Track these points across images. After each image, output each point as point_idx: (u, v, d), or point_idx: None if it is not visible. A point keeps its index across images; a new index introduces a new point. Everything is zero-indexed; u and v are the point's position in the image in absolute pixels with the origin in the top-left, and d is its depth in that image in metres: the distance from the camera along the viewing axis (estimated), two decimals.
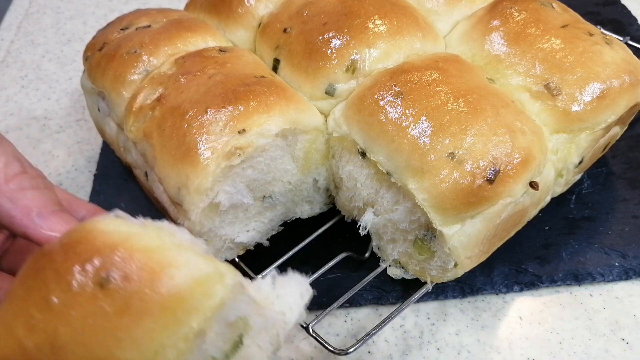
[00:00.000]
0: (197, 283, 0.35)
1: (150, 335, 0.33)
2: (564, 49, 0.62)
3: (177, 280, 0.35)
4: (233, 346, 0.39)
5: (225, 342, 0.38)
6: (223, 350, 0.39)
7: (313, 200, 0.68)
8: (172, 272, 0.35)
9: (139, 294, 0.34)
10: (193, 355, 0.35)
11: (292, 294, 0.45)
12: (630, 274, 0.66)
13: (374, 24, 0.63)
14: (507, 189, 0.54)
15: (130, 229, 0.37)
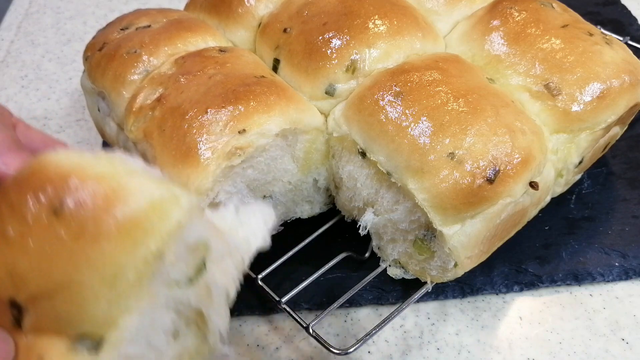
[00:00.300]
0: (152, 206, 0.35)
1: (107, 258, 0.33)
2: (564, 49, 0.62)
3: (132, 204, 0.34)
4: (196, 271, 0.39)
5: (188, 266, 0.38)
6: (187, 275, 0.39)
7: (313, 200, 0.68)
8: (126, 196, 0.35)
9: (93, 219, 0.34)
10: (154, 278, 0.35)
11: (255, 220, 0.45)
12: (630, 274, 0.66)
13: (374, 24, 0.63)
14: (507, 189, 0.54)
15: (83, 158, 0.36)
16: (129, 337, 0.35)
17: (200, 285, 0.40)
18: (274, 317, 0.64)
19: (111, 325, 0.34)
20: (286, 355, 0.61)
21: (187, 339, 0.41)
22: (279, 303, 0.60)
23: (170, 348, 0.40)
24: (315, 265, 0.63)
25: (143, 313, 0.35)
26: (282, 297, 0.60)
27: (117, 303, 0.34)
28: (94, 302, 0.34)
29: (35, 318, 0.35)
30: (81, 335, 0.34)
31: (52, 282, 0.34)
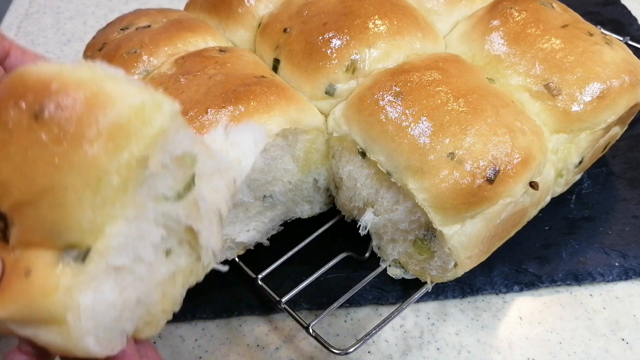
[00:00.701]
0: (133, 111, 0.34)
1: (90, 162, 0.33)
2: (564, 49, 0.62)
3: (114, 108, 0.34)
4: (185, 186, 0.39)
5: (176, 181, 0.38)
6: (175, 190, 0.38)
7: (313, 200, 0.68)
8: (108, 100, 0.34)
9: (75, 122, 0.33)
10: (140, 186, 0.35)
11: (245, 141, 0.44)
12: (630, 274, 0.66)
13: (374, 24, 0.63)
14: (507, 189, 0.54)
15: (63, 67, 0.36)
16: (116, 246, 0.35)
17: (189, 202, 0.39)
18: (274, 317, 0.64)
19: (97, 234, 0.34)
20: (286, 355, 0.61)
21: (180, 258, 0.41)
22: (279, 303, 0.60)
23: (163, 265, 0.39)
24: (315, 265, 0.63)
25: (130, 223, 0.35)
26: (282, 297, 0.60)
27: (102, 209, 0.34)
28: (79, 207, 0.33)
29: (20, 229, 0.34)
30: (68, 246, 0.34)
31: (35, 188, 0.33)
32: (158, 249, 0.39)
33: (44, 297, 0.33)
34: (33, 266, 0.34)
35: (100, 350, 0.35)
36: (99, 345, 0.35)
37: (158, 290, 0.40)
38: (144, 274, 0.38)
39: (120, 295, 0.36)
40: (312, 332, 0.58)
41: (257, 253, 0.66)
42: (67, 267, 0.34)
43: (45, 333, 0.34)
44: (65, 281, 0.33)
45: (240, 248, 0.65)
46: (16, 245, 0.35)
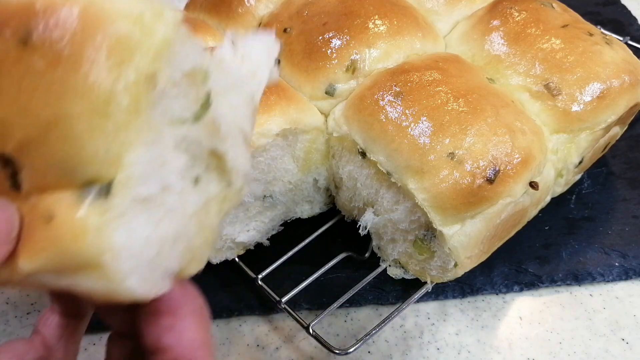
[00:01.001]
0: (132, 22, 0.31)
1: (93, 83, 0.30)
2: (564, 49, 0.62)
3: (109, 21, 0.30)
4: (201, 106, 0.35)
5: (190, 101, 0.35)
6: (191, 111, 0.35)
7: (313, 200, 0.68)
8: (101, 14, 0.30)
9: (69, 42, 0.30)
10: (153, 109, 0.32)
11: (258, 53, 0.40)
12: (630, 274, 0.66)
13: (374, 24, 0.63)
14: (507, 189, 0.54)
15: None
16: (139, 175, 0.31)
17: (209, 122, 0.36)
18: (274, 317, 0.64)
19: (116, 164, 0.30)
20: (286, 355, 0.61)
21: (210, 186, 0.37)
22: (279, 303, 0.60)
23: (193, 195, 0.36)
24: (315, 265, 0.63)
25: (149, 148, 0.32)
26: (282, 297, 0.60)
27: (116, 136, 0.30)
28: (90, 136, 0.30)
29: (32, 172, 0.31)
30: (86, 182, 0.30)
31: (39, 122, 0.30)
32: (185, 177, 0.35)
33: (74, 242, 0.30)
34: (54, 210, 0.30)
35: (145, 291, 0.32)
36: (143, 286, 0.32)
37: (193, 222, 0.36)
38: (175, 205, 0.34)
39: (156, 229, 0.33)
40: (312, 332, 0.58)
41: (257, 253, 0.66)
42: (92, 205, 0.30)
43: (84, 280, 0.31)
44: (93, 221, 0.30)
45: (240, 248, 0.65)
46: (30, 192, 0.31)
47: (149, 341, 0.34)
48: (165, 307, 0.34)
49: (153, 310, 0.34)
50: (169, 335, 0.34)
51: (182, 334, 0.34)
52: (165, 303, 0.34)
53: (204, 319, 0.37)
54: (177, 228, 0.35)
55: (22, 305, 0.66)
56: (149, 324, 0.34)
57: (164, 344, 0.34)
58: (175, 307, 0.35)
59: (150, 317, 0.34)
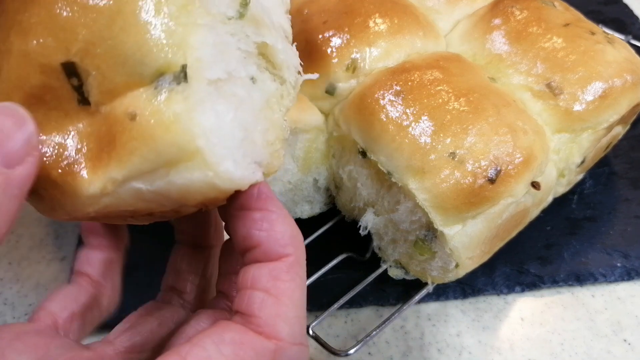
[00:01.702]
0: None
1: None
2: (566, 48, 0.62)
3: None
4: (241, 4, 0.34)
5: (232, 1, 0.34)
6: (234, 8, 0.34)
7: (313, 200, 0.67)
8: None
9: None
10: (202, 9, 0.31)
11: None
12: (633, 275, 0.66)
13: (375, 22, 0.63)
14: (508, 189, 0.54)
15: None
16: (207, 56, 0.31)
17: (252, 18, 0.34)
18: None
19: (184, 48, 0.30)
20: None
21: (266, 84, 0.36)
22: None
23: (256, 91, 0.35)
24: (315, 265, 0.63)
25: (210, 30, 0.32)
26: None
27: (178, 19, 0.30)
28: (154, 22, 0.30)
29: (100, 77, 0.30)
30: (159, 73, 0.30)
31: (102, 16, 0.30)
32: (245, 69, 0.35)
33: (166, 132, 0.29)
34: (135, 108, 0.30)
35: (243, 175, 0.32)
36: (240, 171, 0.31)
37: (262, 117, 0.35)
38: (244, 96, 0.34)
39: (236, 114, 0.32)
40: (312, 333, 0.57)
41: None
42: (172, 93, 0.30)
43: (181, 174, 0.30)
44: (179, 107, 0.29)
45: None
46: (101, 102, 0.31)
47: (239, 238, 0.34)
48: (253, 202, 0.34)
49: (242, 206, 0.34)
50: (260, 230, 0.34)
51: (273, 227, 0.34)
52: (253, 197, 0.34)
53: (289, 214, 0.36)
54: (253, 119, 0.34)
55: (19, 306, 0.66)
56: (239, 219, 0.34)
57: (255, 240, 0.34)
58: (264, 200, 0.34)
59: (240, 213, 0.34)
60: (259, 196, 0.34)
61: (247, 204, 0.34)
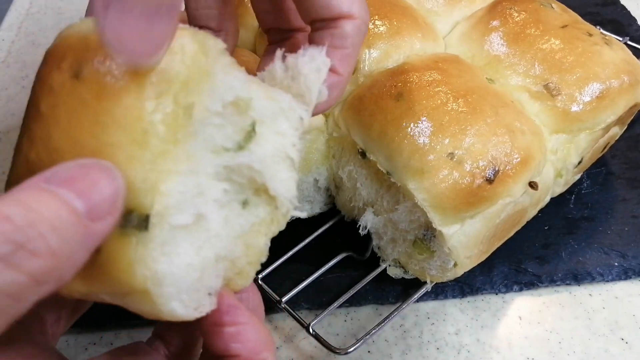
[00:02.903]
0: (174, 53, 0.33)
1: (131, 113, 0.32)
2: (564, 50, 0.62)
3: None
4: (245, 135, 0.36)
5: (234, 130, 0.36)
6: (234, 140, 0.36)
7: (313, 200, 0.68)
8: None
9: (112, 74, 0.32)
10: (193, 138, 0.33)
11: (307, 71, 0.40)
12: (630, 274, 0.66)
13: (374, 24, 0.63)
14: (506, 189, 0.54)
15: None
16: (175, 204, 0.33)
17: (253, 151, 0.37)
18: (274, 317, 0.64)
19: (153, 193, 0.32)
20: (286, 355, 0.61)
21: (259, 208, 0.38)
22: (279, 303, 0.60)
23: (241, 218, 0.37)
24: (315, 265, 0.63)
25: (186, 177, 0.33)
26: (282, 296, 0.60)
27: (154, 165, 0.32)
28: (129, 165, 0.31)
29: None
30: (128, 211, 0.32)
31: (85, 151, 0.32)
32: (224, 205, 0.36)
33: (122, 273, 0.32)
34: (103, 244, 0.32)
35: (187, 313, 0.34)
36: (185, 308, 0.34)
37: (240, 243, 0.38)
38: (218, 229, 0.36)
39: (197, 254, 0.34)
40: (312, 331, 0.58)
41: None
42: (133, 236, 0.32)
43: (133, 302, 0.33)
44: (136, 253, 0.32)
45: None
46: None
47: (217, 349, 0.36)
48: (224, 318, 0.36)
49: (214, 322, 0.36)
50: (236, 343, 0.36)
51: (248, 339, 0.37)
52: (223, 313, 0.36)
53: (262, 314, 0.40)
54: (221, 250, 0.36)
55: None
56: (215, 334, 0.36)
57: (233, 352, 0.36)
58: (234, 314, 0.37)
59: (214, 329, 0.36)
60: (229, 312, 0.37)
61: (219, 321, 0.36)
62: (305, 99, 0.40)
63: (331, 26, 0.41)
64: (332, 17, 0.41)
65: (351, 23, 0.41)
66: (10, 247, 0.26)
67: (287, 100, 0.39)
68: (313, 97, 0.40)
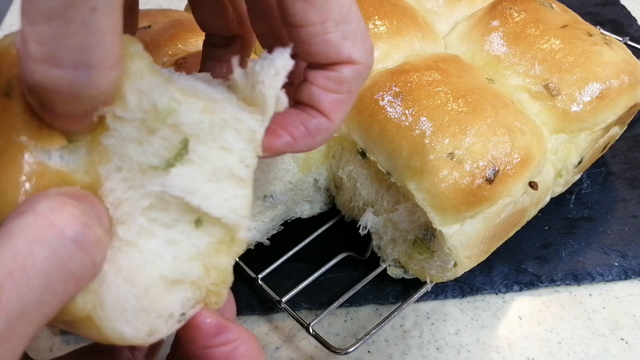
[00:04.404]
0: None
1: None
2: (564, 50, 0.62)
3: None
4: (176, 154, 0.34)
5: (162, 147, 0.33)
6: (163, 157, 0.34)
7: (313, 199, 0.68)
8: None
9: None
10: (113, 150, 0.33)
11: (264, 77, 0.35)
12: (630, 274, 0.66)
13: (374, 24, 0.63)
14: (506, 189, 0.54)
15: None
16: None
17: (186, 170, 0.34)
18: (274, 317, 0.64)
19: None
20: (286, 355, 0.61)
21: (216, 228, 0.36)
22: (279, 303, 0.60)
23: (195, 237, 0.35)
24: (315, 265, 0.63)
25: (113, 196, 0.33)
26: (282, 296, 0.60)
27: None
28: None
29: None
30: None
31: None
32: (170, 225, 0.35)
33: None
34: None
35: (138, 337, 0.33)
36: (135, 332, 0.33)
37: (196, 265, 0.35)
38: (160, 250, 0.34)
39: (138, 274, 0.33)
40: (312, 331, 0.58)
41: (257, 253, 0.66)
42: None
43: (83, 329, 0.33)
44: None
45: None
46: None
47: None
48: (215, 340, 0.36)
49: (203, 345, 0.36)
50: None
51: (240, 355, 0.36)
52: (212, 335, 0.36)
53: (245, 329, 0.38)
54: (167, 272, 0.34)
55: None
56: (205, 357, 0.36)
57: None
58: (224, 333, 0.36)
59: (205, 352, 0.36)
60: (218, 332, 0.36)
61: (209, 343, 0.36)
62: (263, 106, 0.36)
63: (328, 68, 0.37)
64: (330, 64, 0.37)
65: (350, 68, 0.37)
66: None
67: (230, 112, 0.35)
68: (269, 105, 0.36)
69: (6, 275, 0.26)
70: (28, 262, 0.26)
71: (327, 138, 0.40)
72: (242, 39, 0.44)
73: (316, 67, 0.38)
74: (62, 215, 0.28)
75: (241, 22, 0.44)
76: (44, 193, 0.30)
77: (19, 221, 0.27)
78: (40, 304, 0.27)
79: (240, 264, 0.64)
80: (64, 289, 0.28)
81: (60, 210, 0.28)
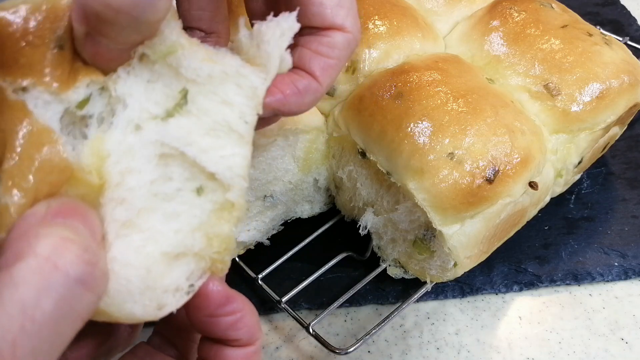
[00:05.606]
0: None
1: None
2: (564, 49, 0.62)
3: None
4: (175, 103, 0.34)
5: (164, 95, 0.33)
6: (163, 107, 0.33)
7: (313, 199, 0.68)
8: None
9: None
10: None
11: (270, 36, 0.36)
12: (630, 274, 0.66)
13: (374, 24, 0.63)
14: (506, 189, 0.54)
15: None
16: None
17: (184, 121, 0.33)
18: (274, 317, 0.64)
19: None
20: (286, 355, 0.61)
21: (217, 194, 0.35)
22: (279, 303, 0.60)
23: (198, 206, 0.35)
24: (315, 265, 0.63)
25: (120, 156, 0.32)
26: (282, 296, 0.60)
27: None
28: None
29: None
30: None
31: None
32: (172, 198, 0.34)
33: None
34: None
35: (148, 313, 0.33)
36: (144, 309, 0.33)
37: (198, 236, 0.35)
38: (159, 227, 0.34)
39: (138, 253, 0.33)
40: (312, 331, 0.58)
41: (257, 253, 0.66)
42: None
43: (93, 315, 0.32)
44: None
45: (240, 248, 0.65)
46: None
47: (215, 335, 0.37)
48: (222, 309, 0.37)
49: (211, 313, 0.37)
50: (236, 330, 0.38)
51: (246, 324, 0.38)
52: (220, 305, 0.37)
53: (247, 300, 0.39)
54: (169, 248, 0.34)
55: None
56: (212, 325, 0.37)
57: (232, 337, 0.38)
58: (231, 302, 0.37)
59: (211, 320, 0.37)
60: (226, 301, 0.37)
61: (216, 312, 0.36)
62: (265, 67, 0.36)
63: (321, 34, 0.40)
64: (324, 27, 0.40)
65: (342, 35, 0.40)
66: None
67: (233, 65, 0.35)
68: (273, 64, 0.36)
69: (18, 330, 0.25)
70: (37, 313, 0.26)
71: (315, 101, 0.41)
72: (217, 36, 0.45)
73: (309, 34, 0.40)
74: (66, 256, 0.27)
75: (223, 19, 0.45)
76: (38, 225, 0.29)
77: (21, 267, 0.27)
78: (51, 349, 0.27)
79: (240, 264, 0.64)
80: (72, 329, 0.28)
81: (63, 250, 0.27)
